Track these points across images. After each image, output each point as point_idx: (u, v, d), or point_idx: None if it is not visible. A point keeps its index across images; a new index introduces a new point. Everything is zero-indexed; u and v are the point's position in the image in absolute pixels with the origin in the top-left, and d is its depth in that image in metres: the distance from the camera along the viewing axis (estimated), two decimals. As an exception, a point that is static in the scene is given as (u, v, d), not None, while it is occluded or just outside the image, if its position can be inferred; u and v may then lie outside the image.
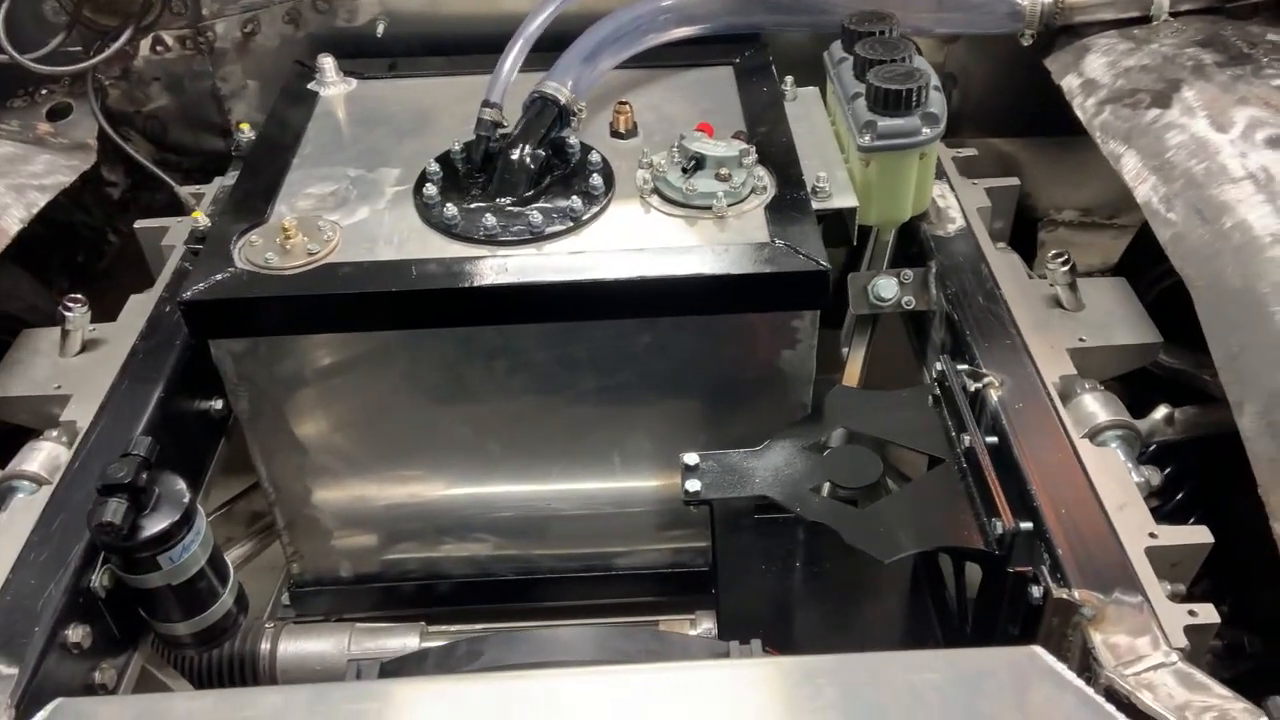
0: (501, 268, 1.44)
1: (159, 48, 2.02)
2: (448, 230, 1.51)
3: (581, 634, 1.17)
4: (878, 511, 1.28)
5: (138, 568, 1.31)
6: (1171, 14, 1.86)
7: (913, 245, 1.80)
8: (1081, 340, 1.58)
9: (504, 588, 1.81)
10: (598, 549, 1.78)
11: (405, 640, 1.66)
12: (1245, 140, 1.51)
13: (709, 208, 1.53)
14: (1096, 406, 1.45)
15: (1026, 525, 1.22)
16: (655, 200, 1.57)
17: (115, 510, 1.23)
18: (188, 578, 1.34)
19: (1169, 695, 1.06)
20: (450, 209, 1.52)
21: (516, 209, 1.54)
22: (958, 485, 1.33)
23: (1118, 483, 1.33)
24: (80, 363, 1.64)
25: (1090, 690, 0.89)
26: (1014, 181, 1.95)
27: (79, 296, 1.63)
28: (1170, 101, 1.64)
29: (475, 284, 1.42)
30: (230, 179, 2.01)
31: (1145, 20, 1.88)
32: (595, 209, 1.54)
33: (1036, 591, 1.20)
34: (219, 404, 1.72)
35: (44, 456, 1.47)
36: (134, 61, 2.03)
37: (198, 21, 2.00)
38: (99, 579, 1.31)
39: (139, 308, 1.73)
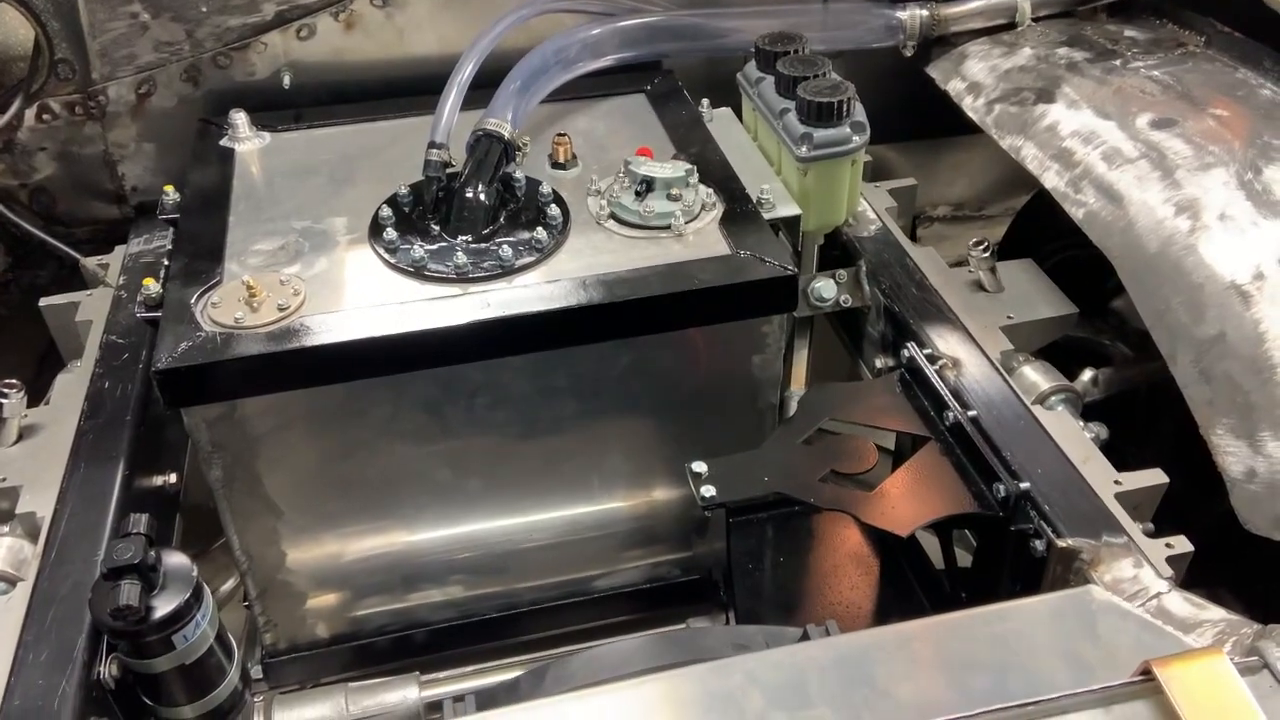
0: (484, 303, 1.45)
1: (45, 116, 1.92)
2: (417, 271, 1.51)
3: (655, 642, 1.19)
4: (885, 492, 1.37)
5: (148, 651, 1.24)
6: (1033, 19, 2.06)
7: (834, 248, 1.91)
8: (1010, 318, 1.73)
9: (486, 627, 1.79)
10: (577, 574, 1.79)
11: (404, 693, 1.62)
12: (1131, 125, 1.69)
13: (667, 227, 1.59)
14: (1038, 376, 1.59)
15: (1025, 485, 1.33)
16: (613, 225, 1.61)
17: (130, 592, 1.18)
18: (198, 657, 1.28)
19: (1179, 618, 1.18)
20: (417, 250, 1.52)
21: (480, 245, 1.55)
22: (946, 459, 1.43)
23: (1075, 440, 1.47)
24: (20, 451, 1.54)
25: (1148, 615, 0.99)
26: (911, 182, 2.10)
27: (14, 382, 1.53)
28: (1054, 97, 1.82)
29: (463, 321, 1.42)
30: (135, 246, 1.93)
31: (1011, 27, 2.07)
32: (557, 239, 1.57)
33: (1040, 545, 1.31)
34: (173, 478, 1.66)
35: (4, 554, 1.38)
36: (17, 133, 1.91)
37: (88, 86, 1.90)
38: (107, 669, 1.25)
39: (70, 388, 1.64)
